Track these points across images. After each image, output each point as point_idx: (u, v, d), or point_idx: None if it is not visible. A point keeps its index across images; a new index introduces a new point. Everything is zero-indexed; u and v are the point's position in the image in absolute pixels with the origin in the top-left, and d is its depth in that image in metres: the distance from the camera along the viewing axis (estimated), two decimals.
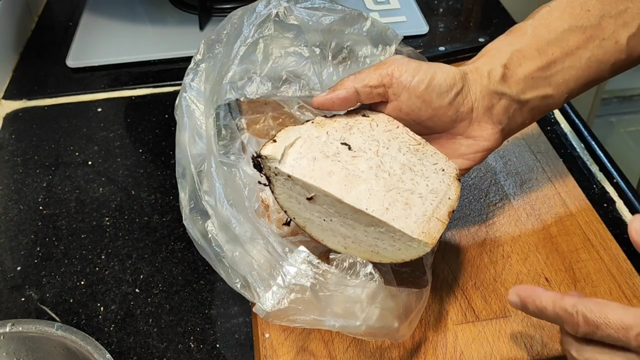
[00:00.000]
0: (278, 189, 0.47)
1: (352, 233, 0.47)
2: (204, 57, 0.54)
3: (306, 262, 0.45)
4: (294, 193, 0.47)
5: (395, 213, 0.45)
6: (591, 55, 0.50)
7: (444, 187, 0.47)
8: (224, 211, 0.47)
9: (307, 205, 0.47)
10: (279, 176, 0.46)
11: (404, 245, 0.45)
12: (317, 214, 0.47)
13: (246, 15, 0.55)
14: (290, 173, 0.46)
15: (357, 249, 0.47)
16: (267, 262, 0.45)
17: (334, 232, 0.47)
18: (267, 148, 0.46)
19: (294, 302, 0.44)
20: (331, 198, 0.45)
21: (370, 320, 0.44)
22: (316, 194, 0.46)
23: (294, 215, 0.48)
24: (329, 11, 0.57)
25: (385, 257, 0.47)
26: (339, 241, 0.48)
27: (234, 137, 0.61)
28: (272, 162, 0.46)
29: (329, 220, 0.47)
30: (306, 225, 0.48)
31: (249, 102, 0.63)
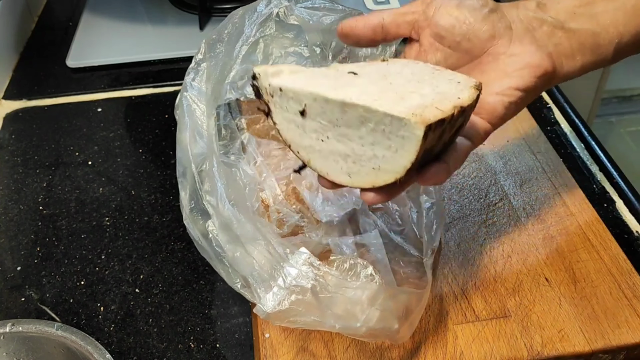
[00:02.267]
0: (277, 115, 0.44)
1: (349, 148, 0.42)
2: (205, 56, 0.54)
3: (307, 264, 0.45)
4: (290, 114, 0.43)
5: (385, 102, 0.40)
6: (636, 2, 0.48)
7: (455, 91, 0.42)
8: (225, 211, 0.47)
9: (304, 125, 0.43)
10: (275, 97, 0.43)
11: (398, 140, 0.39)
12: (314, 134, 0.43)
13: (247, 15, 0.55)
14: (282, 85, 0.43)
15: (361, 171, 0.42)
16: (268, 262, 0.45)
17: (334, 155, 0.43)
18: (261, 66, 0.44)
19: (294, 303, 0.44)
20: (320, 102, 0.42)
21: (371, 321, 0.44)
22: (306, 104, 0.42)
23: (296, 147, 0.44)
24: (330, 11, 0.57)
25: (388, 172, 0.41)
26: (341, 167, 0.43)
27: (234, 137, 0.61)
28: (265, 79, 0.43)
29: (326, 139, 0.42)
30: (310, 157, 0.44)
31: (249, 102, 0.63)
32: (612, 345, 0.50)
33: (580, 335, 0.51)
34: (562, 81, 0.49)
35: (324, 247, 0.55)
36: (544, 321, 0.52)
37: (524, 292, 0.54)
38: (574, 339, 0.51)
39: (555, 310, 0.52)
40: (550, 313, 0.52)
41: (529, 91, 0.46)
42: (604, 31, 0.48)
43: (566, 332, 0.51)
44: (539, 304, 0.53)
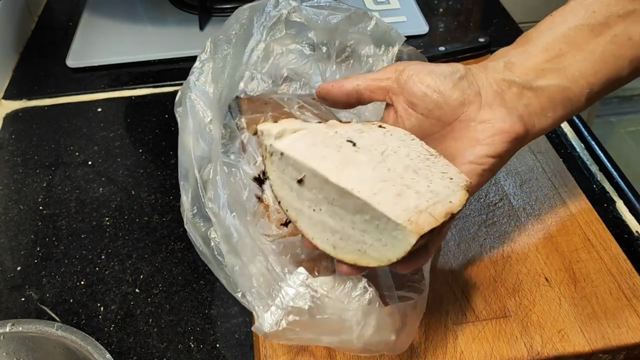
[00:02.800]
0: (273, 173, 0.45)
1: (340, 226, 0.44)
2: (211, 56, 0.54)
3: (304, 285, 0.45)
4: (287, 177, 0.45)
5: (383, 199, 0.41)
6: (604, 50, 0.48)
7: (447, 191, 0.43)
8: (226, 222, 0.47)
9: (298, 191, 0.44)
10: (274, 156, 0.45)
11: (389, 238, 0.42)
12: (308, 202, 0.44)
13: (255, 16, 0.55)
14: (283, 150, 0.44)
15: (345, 248, 0.44)
16: (265, 280, 0.45)
17: (323, 225, 0.44)
18: (265, 124, 0.45)
19: (291, 324, 0.44)
20: (319, 179, 0.43)
21: (367, 336, 0.44)
22: (306, 175, 0.44)
23: (286, 206, 0.46)
24: (335, 10, 0.57)
25: (373, 258, 0.43)
26: (327, 238, 0.44)
27: (234, 136, 0.61)
28: (268, 139, 0.45)
29: (318, 210, 0.44)
30: (298, 218, 0.45)
31: (249, 101, 0.63)
32: (612, 345, 0.50)
33: (580, 335, 0.51)
34: (535, 138, 0.50)
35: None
36: (544, 321, 0.52)
37: (524, 292, 0.54)
38: (574, 339, 0.51)
39: (555, 310, 0.52)
40: (550, 313, 0.52)
41: (502, 156, 0.47)
42: (573, 84, 0.48)
43: (566, 332, 0.51)
44: (539, 304, 0.53)
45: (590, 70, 0.48)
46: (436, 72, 0.48)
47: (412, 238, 0.40)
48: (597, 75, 0.49)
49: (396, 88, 0.48)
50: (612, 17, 0.49)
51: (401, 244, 0.41)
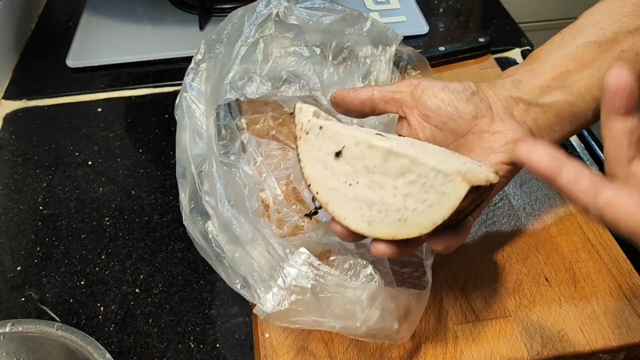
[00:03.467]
0: (305, 153, 0.45)
1: (379, 196, 0.42)
2: (205, 57, 0.54)
3: (307, 264, 0.45)
4: (322, 153, 0.45)
5: (431, 158, 0.42)
6: (611, 65, 0.49)
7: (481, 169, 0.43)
8: (224, 212, 0.47)
9: (333, 167, 0.44)
10: (310, 134, 0.45)
11: (436, 196, 0.40)
12: (343, 177, 0.44)
13: (247, 15, 0.55)
14: (323, 124, 0.44)
15: (384, 221, 0.42)
16: (267, 263, 0.45)
17: (358, 201, 0.43)
18: (306, 105, 0.45)
19: (294, 303, 0.44)
20: (362, 146, 0.43)
21: (370, 321, 0.44)
22: (346, 145, 0.44)
23: (317, 187, 0.45)
24: (329, 11, 0.57)
25: (415, 225, 0.41)
26: (363, 214, 0.43)
27: (234, 137, 0.61)
28: (306, 116, 0.45)
29: (355, 183, 0.43)
30: (329, 199, 0.44)
31: (249, 102, 0.63)
32: (612, 345, 0.50)
33: (580, 335, 0.51)
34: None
35: (324, 247, 0.55)
36: (544, 321, 0.52)
37: (524, 292, 0.54)
38: (574, 339, 0.51)
39: (555, 310, 0.52)
40: (550, 313, 0.52)
41: (516, 164, 0.48)
42: (579, 100, 0.49)
43: (566, 332, 0.51)
44: (539, 304, 0.53)
45: (596, 86, 0.49)
46: (449, 87, 0.49)
47: (463, 189, 0.39)
48: (603, 90, 0.49)
49: (410, 101, 0.50)
50: (621, 33, 0.50)
51: (450, 200, 0.40)
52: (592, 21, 0.51)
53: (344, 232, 0.45)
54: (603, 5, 0.52)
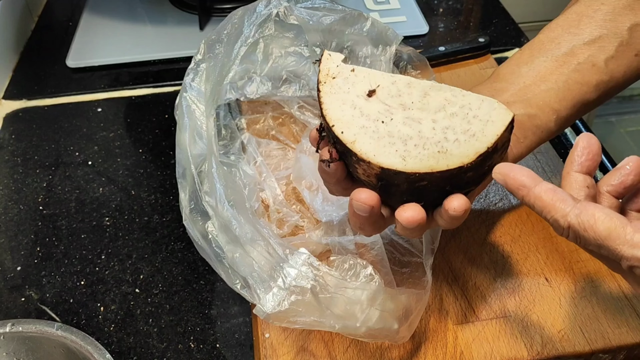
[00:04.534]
0: (330, 96, 0.43)
1: (415, 131, 0.41)
2: (205, 57, 0.54)
3: (307, 264, 0.45)
4: (351, 95, 0.43)
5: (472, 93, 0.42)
6: (568, 78, 0.50)
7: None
8: (224, 212, 0.47)
9: (364, 107, 0.43)
10: (337, 78, 0.44)
11: (480, 125, 0.40)
12: (375, 115, 0.42)
13: (247, 15, 0.55)
14: (354, 67, 0.44)
15: (420, 154, 0.41)
16: (267, 263, 0.45)
17: (391, 137, 0.41)
18: (334, 52, 0.45)
19: (294, 304, 0.44)
20: (400, 84, 0.43)
21: (370, 321, 0.44)
22: (380, 85, 0.43)
23: (342, 127, 0.42)
24: (329, 11, 0.57)
25: (455, 155, 0.40)
26: (397, 150, 0.41)
27: (234, 137, 0.61)
28: (336, 61, 0.44)
29: (389, 120, 0.42)
30: (357, 138, 0.42)
31: (249, 102, 0.63)
32: (612, 345, 0.50)
33: (580, 335, 0.51)
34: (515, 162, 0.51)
35: (324, 247, 0.55)
36: (544, 321, 0.52)
37: (524, 292, 0.54)
38: (574, 339, 0.51)
39: (555, 310, 0.52)
40: (550, 313, 0.52)
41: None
42: (540, 112, 0.50)
43: (566, 332, 0.51)
44: (539, 304, 0.53)
45: (554, 98, 0.50)
46: None
47: (508, 116, 0.40)
48: (562, 102, 0.51)
49: None
50: (577, 45, 0.51)
51: (495, 127, 0.40)
52: (550, 37, 0.52)
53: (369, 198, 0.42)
54: (561, 19, 0.53)
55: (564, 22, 0.53)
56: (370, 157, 0.41)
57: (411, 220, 0.41)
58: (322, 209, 0.57)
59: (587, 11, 0.52)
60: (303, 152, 0.61)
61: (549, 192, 0.37)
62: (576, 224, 0.36)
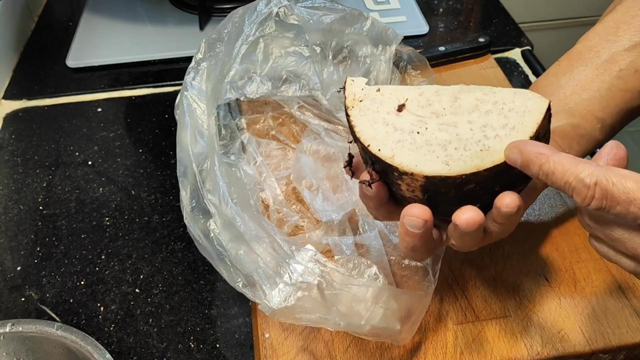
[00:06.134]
0: (358, 118, 0.43)
1: (452, 134, 0.41)
2: (205, 55, 0.54)
3: (313, 260, 0.45)
4: (381, 114, 0.43)
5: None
6: (610, 85, 0.50)
7: None
8: (228, 210, 0.47)
9: (396, 122, 0.42)
10: (365, 101, 0.44)
11: (517, 117, 0.40)
12: (409, 127, 0.42)
13: (247, 14, 0.55)
14: (379, 86, 0.44)
15: (463, 156, 0.40)
16: (273, 259, 0.45)
17: (430, 145, 0.41)
18: (357, 77, 0.45)
19: (300, 300, 0.44)
20: (428, 93, 0.43)
21: (374, 320, 0.44)
22: (408, 99, 0.43)
23: (379, 145, 0.42)
24: (330, 10, 0.57)
25: (498, 152, 0.40)
26: (438, 156, 0.41)
27: (234, 137, 0.61)
28: (359, 85, 0.44)
29: (424, 130, 0.42)
30: (395, 154, 0.41)
31: (249, 102, 0.63)
32: (612, 345, 0.50)
33: (580, 335, 0.51)
34: None
35: (324, 247, 0.55)
36: (544, 321, 0.52)
37: (524, 292, 0.54)
38: (574, 339, 0.51)
39: (555, 310, 0.52)
40: (550, 313, 0.52)
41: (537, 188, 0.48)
42: (583, 121, 0.50)
43: (566, 332, 0.51)
44: (539, 304, 0.53)
45: (597, 106, 0.50)
46: None
47: (544, 103, 0.40)
48: (605, 110, 0.50)
49: None
50: (618, 52, 0.50)
51: (533, 116, 0.40)
52: (588, 46, 0.52)
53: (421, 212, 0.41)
54: (598, 27, 0.52)
55: (601, 30, 0.52)
56: (412, 167, 0.41)
57: (470, 221, 0.40)
58: (322, 209, 0.57)
59: (624, 18, 0.51)
60: (303, 152, 0.61)
61: (570, 157, 0.36)
62: (604, 179, 0.34)
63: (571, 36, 1.64)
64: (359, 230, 0.56)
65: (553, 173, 0.35)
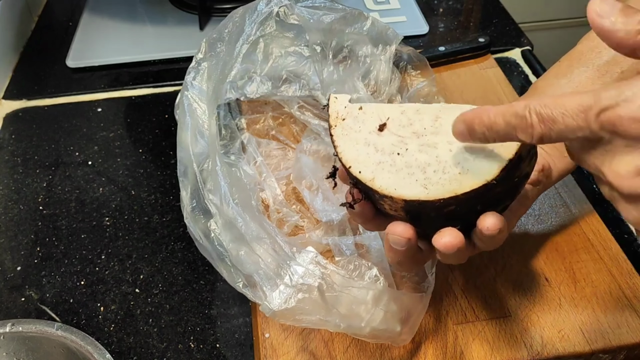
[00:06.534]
0: (342, 137, 0.43)
1: (432, 156, 0.41)
2: (206, 55, 0.54)
3: (314, 262, 0.45)
4: (363, 133, 0.43)
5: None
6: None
7: None
8: (229, 210, 0.47)
9: (377, 142, 0.42)
10: (347, 119, 0.43)
11: None
12: (390, 148, 0.42)
13: (248, 14, 0.55)
14: (361, 104, 0.43)
15: (441, 179, 0.40)
16: (274, 261, 0.45)
17: (409, 167, 0.41)
18: (340, 94, 0.45)
19: (301, 301, 0.44)
20: (409, 112, 0.42)
21: (375, 322, 0.44)
22: (390, 117, 0.42)
23: (359, 167, 0.42)
24: (330, 10, 0.57)
25: (478, 174, 0.39)
26: (417, 179, 0.40)
27: (234, 137, 0.61)
28: (342, 103, 0.44)
29: (404, 151, 0.41)
30: (375, 174, 0.41)
31: (249, 102, 0.63)
32: (612, 345, 0.50)
33: (580, 335, 0.51)
34: (560, 179, 0.51)
35: (324, 247, 0.55)
36: (544, 321, 0.52)
37: (524, 292, 0.54)
38: (574, 339, 0.51)
39: (555, 310, 0.52)
40: (550, 313, 0.52)
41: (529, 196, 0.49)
42: None
43: (566, 332, 0.51)
44: (539, 304, 0.53)
45: None
46: None
47: None
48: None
49: None
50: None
51: None
52: (590, 46, 0.51)
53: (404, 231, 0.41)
54: None
55: None
56: (392, 191, 0.41)
57: (449, 245, 0.40)
58: (322, 209, 0.57)
59: None
60: (303, 152, 0.61)
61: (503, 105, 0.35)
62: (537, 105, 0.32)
63: (571, 36, 1.64)
64: (359, 230, 0.56)
65: (495, 122, 0.34)
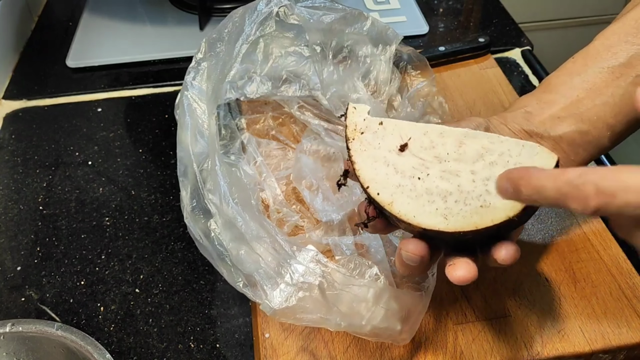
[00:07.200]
0: (359, 154, 0.42)
1: (454, 185, 0.39)
2: (206, 55, 0.54)
3: (314, 261, 0.45)
4: (382, 151, 0.42)
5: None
6: (625, 92, 0.48)
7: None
8: (229, 210, 0.47)
9: (397, 163, 0.41)
10: (366, 133, 0.42)
11: None
12: (410, 171, 0.40)
13: (247, 14, 0.55)
14: (382, 119, 0.42)
15: (462, 211, 0.39)
16: (274, 260, 0.45)
17: (430, 194, 0.40)
18: (359, 104, 0.43)
19: (301, 300, 0.44)
20: (432, 134, 0.41)
21: (375, 320, 0.44)
22: (412, 138, 0.41)
23: (378, 188, 0.41)
24: (330, 10, 0.57)
25: (498, 210, 0.38)
26: (437, 208, 0.39)
27: (234, 137, 0.61)
28: (361, 115, 0.43)
29: (425, 176, 0.40)
30: (394, 198, 0.40)
31: (249, 102, 0.63)
32: (612, 345, 0.50)
33: (580, 335, 0.51)
34: None
35: (324, 247, 0.55)
36: (544, 321, 0.52)
37: (524, 292, 0.54)
38: (574, 339, 0.51)
39: (555, 310, 0.52)
40: (550, 313, 0.52)
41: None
42: (592, 127, 0.48)
43: (566, 332, 0.51)
44: (539, 304, 0.53)
45: (609, 113, 0.48)
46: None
47: (552, 160, 0.38)
48: (617, 117, 0.48)
49: None
50: (635, 56, 0.48)
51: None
52: (606, 45, 0.50)
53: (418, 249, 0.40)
54: (617, 26, 0.50)
55: (620, 29, 0.50)
56: (410, 218, 0.40)
57: (462, 279, 0.40)
58: (322, 209, 0.57)
59: None
60: (303, 152, 0.61)
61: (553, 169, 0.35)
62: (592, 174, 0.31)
63: (571, 36, 1.64)
64: (359, 230, 0.56)
65: (544, 187, 0.33)
